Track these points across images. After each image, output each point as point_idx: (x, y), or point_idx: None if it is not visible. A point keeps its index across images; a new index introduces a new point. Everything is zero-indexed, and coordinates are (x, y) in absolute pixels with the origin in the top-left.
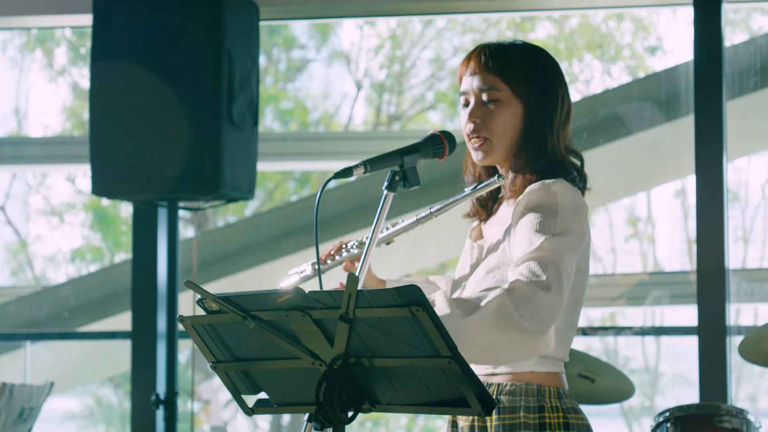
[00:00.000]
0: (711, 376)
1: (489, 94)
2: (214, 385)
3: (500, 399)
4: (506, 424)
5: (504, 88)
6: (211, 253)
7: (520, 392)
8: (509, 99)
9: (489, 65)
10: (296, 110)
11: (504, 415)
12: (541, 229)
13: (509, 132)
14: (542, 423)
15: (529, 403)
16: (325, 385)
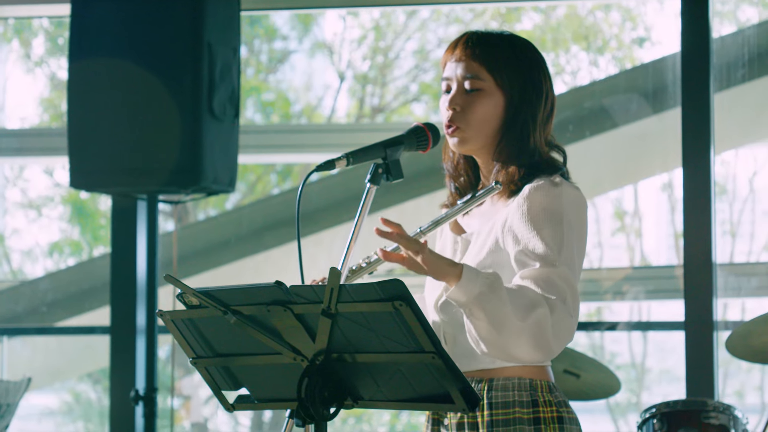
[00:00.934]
0: (698, 372)
1: (472, 83)
2: (195, 381)
3: (492, 394)
4: (500, 420)
5: (488, 78)
6: (191, 247)
7: (512, 387)
8: (492, 90)
9: (475, 53)
10: (278, 102)
11: (497, 411)
12: (554, 240)
13: (488, 123)
14: (536, 417)
15: (523, 398)
16: (307, 381)
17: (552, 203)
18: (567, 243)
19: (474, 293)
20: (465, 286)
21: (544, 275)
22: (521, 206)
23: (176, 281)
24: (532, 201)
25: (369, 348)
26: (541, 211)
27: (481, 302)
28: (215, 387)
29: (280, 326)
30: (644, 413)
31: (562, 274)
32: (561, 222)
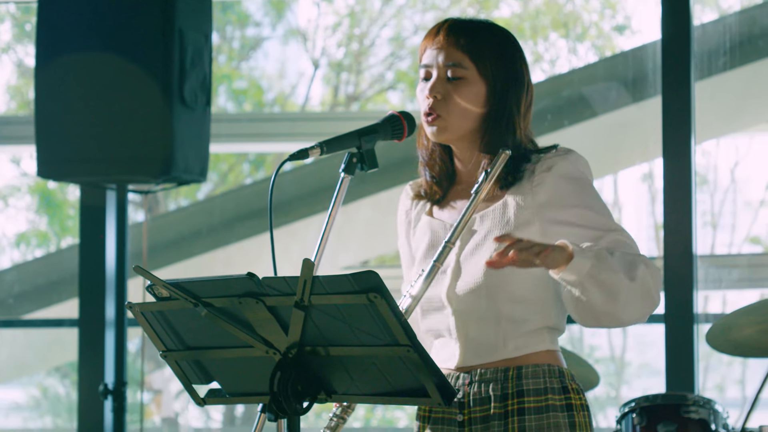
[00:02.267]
0: (678, 366)
1: (454, 71)
2: (165, 375)
3: (523, 382)
4: (532, 407)
5: (471, 66)
6: (161, 238)
7: (543, 374)
8: (474, 79)
9: (459, 42)
10: (251, 90)
11: (529, 398)
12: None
13: (469, 112)
14: (569, 404)
15: (554, 384)
16: (280, 375)
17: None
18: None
19: (586, 268)
20: (577, 264)
21: (621, 241)
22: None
23: (146, 273)
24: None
25: (343, 341)
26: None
27: (593, 275)
28: (186, 381)
29: (253, 319)
30: (623, 407)
31: (625, 234)
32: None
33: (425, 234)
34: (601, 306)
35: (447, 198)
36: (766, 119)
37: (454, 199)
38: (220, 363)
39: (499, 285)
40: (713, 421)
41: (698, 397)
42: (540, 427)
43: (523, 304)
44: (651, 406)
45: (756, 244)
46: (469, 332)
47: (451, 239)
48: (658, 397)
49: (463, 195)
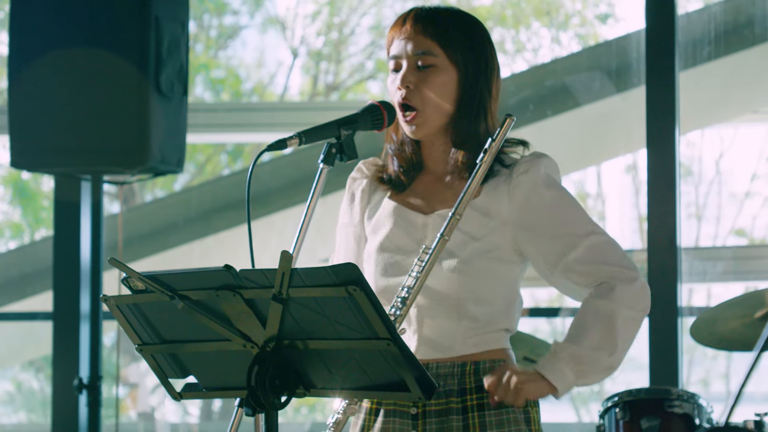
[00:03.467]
0: (662, 359)
1: (424, 59)
2: (141, 369)
3: (481, 377)
4: (489, 402)
5: (440, 53)
6: (137, 230)
7: (501, 370)
8: (445, 65)
9: (426, 29)
10: (228, 79)
11: (486, 393)
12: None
13: (443, 100)
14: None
15: None
16: (257, 369)
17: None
18: (579, 207)
19: (571, 384)
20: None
21: (597, 245)
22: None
23: (121, 265)
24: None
25: (322, 334)
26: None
27: (581, 378)
28: (162, 375)
29: (230, 312)
30: (606, 402)
31: (601, 235)
32: (564, 190)
33: (389, 218)
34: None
35: (412, 186)
36: (751, 109)
37: (419, 187)
38: (196, 357)
39: (467, 285)
40: (697, 416)
41: (682, 391)
42: (500, 422)
43: (488, 306)
44: (634, 401)
45: (741, 237)
46: (430, 327)
47: (457, 211)
48: (641, 391)
49: (430, 185)
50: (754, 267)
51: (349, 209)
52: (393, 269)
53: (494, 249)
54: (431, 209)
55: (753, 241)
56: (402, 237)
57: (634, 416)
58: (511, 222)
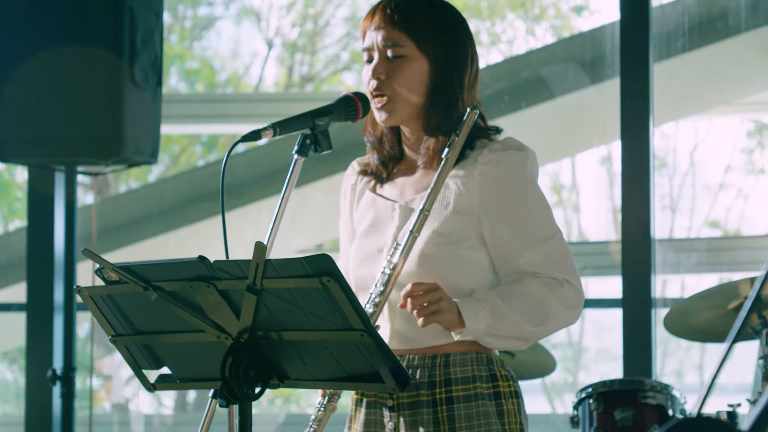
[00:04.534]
0: (635, 351)
1: (394, 50)
2: (115, 361)
3: (451, 370)
4: (461, 396)
5: (409, 43)
6: (112, 221)
7: (471, 362)
8: (415, 55)
9: (394, 19)
10: (203, 70)
11: (457, 386)
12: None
13: (414, 90)
14: (497, 392)
15: (482, 372)
16: (231, 360)
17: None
18: (547, 208)
19: (481, 329)
20: (470, 331)
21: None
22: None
23: (95, 256)
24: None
25: (296, 325)
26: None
27: (491, 332)
28: (135, 366)
29: (204, 303)
30: (580, 393)
31: (558, 241)
32: (536, 187)
33: (368, 210)
34: (508, 346)
35: (392, 176)
36: (725, 101)
37: (398, 176)
38: (170, 348)
39: (434, 270)
40: (670, 407)
41: (655, 382)
42: (469, 415)
43: (458, 291)
44: (608, 392)
45: (715, 228)
46: (400, 319)
47: (425, 206)
48: (615, 382)
49: (407, 173)
50: (727, 258)
51: (343, 205)
52: (368, 260)
53: (460, 237)
54: (402, 197)
55: (727, 233)
56: (375, 228)
57: (608, 407)
58: (476, 208)
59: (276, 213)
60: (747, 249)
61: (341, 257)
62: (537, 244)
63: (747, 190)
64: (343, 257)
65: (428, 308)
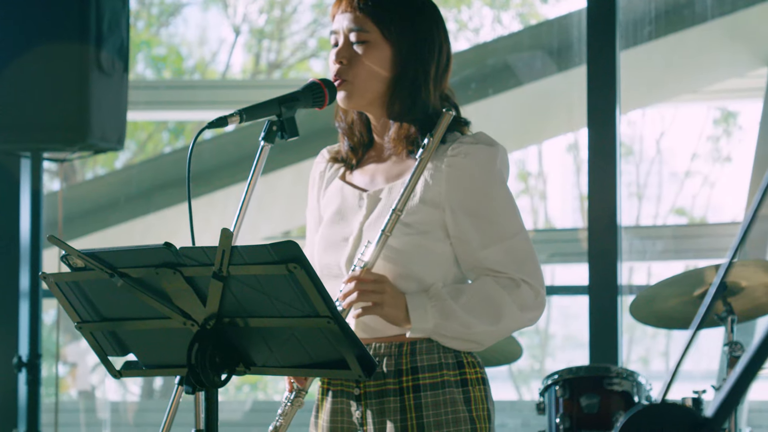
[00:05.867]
0: (602, 338)
1: (357, 35)
2: (81, 348)
3: (417, 358)
4: (427, 383)
5: (373, 29)
6: (78, 207)
7: (437, 349)
8: (378, 41)
9: (360, 5)
10: (170, 57)
11: (424, 374)
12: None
13: (375, 76)
14: (464, 379)
15: (449, 360)
16: (197, 346)
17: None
18: (514, 206)
19: (429, 328)
20: (417, 327)
21: (514, 250)
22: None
23: (60, 242)
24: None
25: (262, 312)
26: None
27: (439, 332)
28: (101, 353)
29: (170, 290)
30: (546, 380)
31: (522, 240)
32: (503, 184)
33: (335, 198)
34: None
35: (361, 164)
36: (691, 89)
37: (367, 164)
38: (136, 334)
39: (399, 259)
40: (636, 394)
41: (621, 369)
42: (436, 403)
43: (421, 283)
44: (574, 379)
45: (681, 216)
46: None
47: (397, 207)
48: (581, 369)
49: (376, 160)
50: (693, 246)
51: (311, 193)
52: (333, 247)
53: (426, 228)
54: (371, 186)
55: (693, 220)
56: (342, 215)
57: (574, 394)
58: (442, 201)
59: (242, 200)
60: (713, 236)
61: (307, 245)
62: (499, 241)
63: (713, 177)
64: (309, 245)
65: (371, 296)
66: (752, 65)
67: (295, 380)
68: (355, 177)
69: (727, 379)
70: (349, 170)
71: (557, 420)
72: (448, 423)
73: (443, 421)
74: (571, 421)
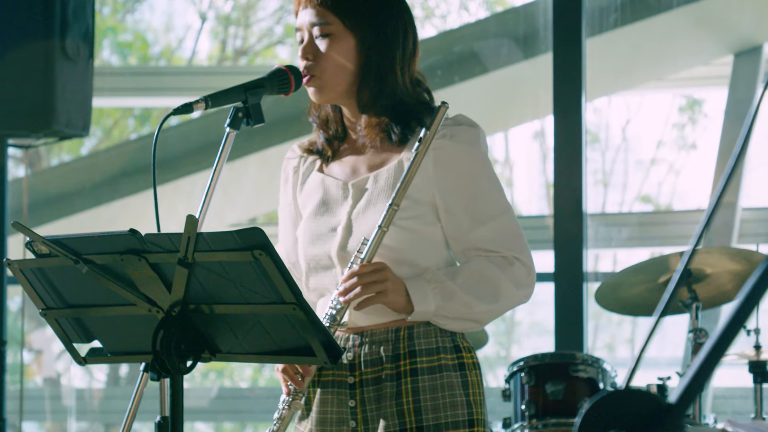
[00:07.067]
0: (567, 325)
1: (321, 29)
2: (47, 335)
3: (415, 342)
4: (425, 367)
5: (335, 21)
6: (43, 194)
7: (435, 333)
8: (341, 33)
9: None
10: (136, 43)
11: (422, 358)
12: (492, 189)
13: (342, 68)
14: (461, 363)
15: (446, 344)
16: (162, 333)
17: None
18: (499, 185)
19: (431, 311)
20: (420, 311)
21: (501, 230)
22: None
23: (25, 229)
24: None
25: (228, 299)
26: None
27: (441, 313)
28: (66, 339)
29: (135, 276)
30: (512, 366)
31: (509, 219)
32: (489, 164)
33: (317, 190)
34: (462, 328)
35: (337, 155)
36: (657, 76)
37: (344, 155)
38: (101, 321)
39: (391, 246)
40: (601, 380)
41: (586, 356)
42: (434, 387)
43: (414, 267)
44: (539, 365)
45: (647, 203)
46: None
47: (394, 201)
48: (546, 356)
49: (353, 152)
50: (659, 233)
51: (284, 189)
52: (320, 239)
53: (416, 212)
54: (353, 177)
55: (658, 208)
56: (327, 207)
57: (539, 380)
58: (431, 184)
59: (208, 186)
60: (678, 223)
61: (281, 242)
62: (489, 220)
63: (678, 165)
64: (284, 242)
65: (373, 287)
66: (718, 53)
67: (292, 382)
68: (334, 169)
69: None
70: (325, 163)
71: (523, 407)
72: (446, 406)
73: (440, 404)
74: (537, 407)
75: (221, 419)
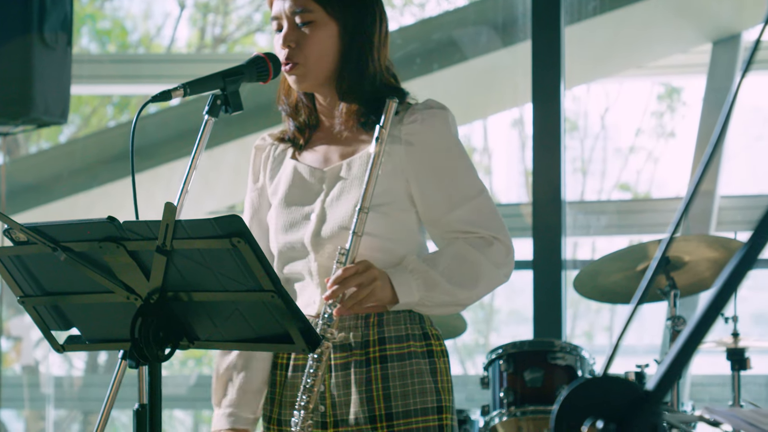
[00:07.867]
0: (546, 312)
1: (302, 17)
2: (25, 322)
3: (384, 329)
4: (394, 354)
5: (317, 8)
6: (21, 182)
7: (404, 320)
8: (323, 20)
9: None
10: (114, 31)
11: (391, 345)
12: (465, 170)
13: (326, 55)
14: (429, 350)
15: (415, 331)
16: (141, 321)
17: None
18: (472, 165)
19: (414, 301)
20: (404, 302)
21: (477, 210)
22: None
23: (3, 216)
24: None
25: (206, 286)
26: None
27: (426, 302)
28: (44, 327)
29: (113, 264)
30: (490, 354)
31: (484, 200)
32: (460, 145)
33: (289, 178)
34: (445, 312)
35: (310, 143)
36: (635, 64)
37: (316, 144)
38: (79, 309)
39: (369, 233)
40: (579, 368)
41: (565, 343)
42: (403, 374)
43: (388, 253)
44: (518, 353)
45: (625, 191)
46: None
47: (363, 206)
48: (525, 343)
49: (325, 139)
50: (637, 221)
51: (252, 177)
52: (295, 226)
53: (390, 198)
54: (326, 164)
55: (637, 196)
56: (300, 194)
57: (518, 368)
58: (405, 169)
59: (186, 174)
60: (657, 211)
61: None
62: (465, 201)
63: (657, 153)
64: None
65: (363, 291)
66: (696, 41)
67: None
68: (307, 157)
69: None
70: (297, 151)
71: (501, 394)
72: (414, 393)
73: (410, 391)
74: (515, 395)
75: (200, 407)
